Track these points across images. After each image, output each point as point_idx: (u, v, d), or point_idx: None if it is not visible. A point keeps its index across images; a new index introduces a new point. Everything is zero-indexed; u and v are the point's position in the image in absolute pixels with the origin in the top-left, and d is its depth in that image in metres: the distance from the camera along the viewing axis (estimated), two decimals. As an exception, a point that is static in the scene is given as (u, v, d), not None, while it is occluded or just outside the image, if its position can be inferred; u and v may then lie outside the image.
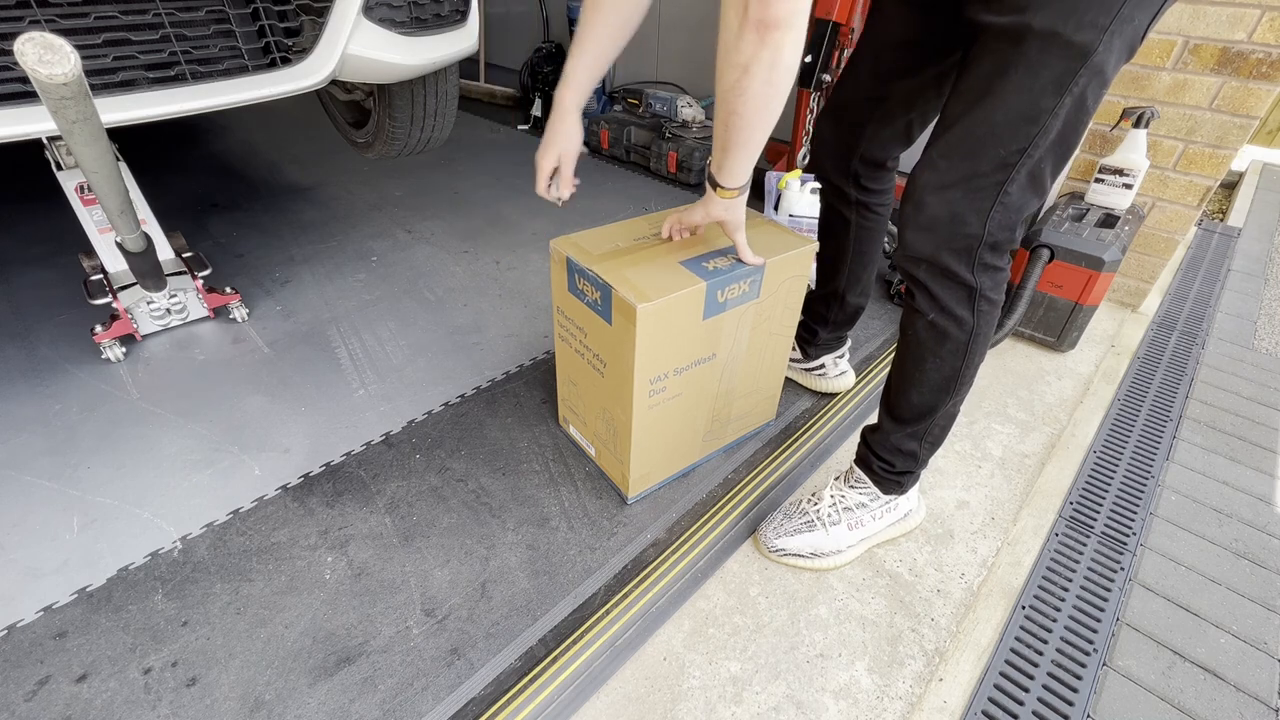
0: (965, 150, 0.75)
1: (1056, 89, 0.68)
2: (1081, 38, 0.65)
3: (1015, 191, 0.74)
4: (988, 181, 0.74)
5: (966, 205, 0.77)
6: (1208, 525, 1.17)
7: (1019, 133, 0.71)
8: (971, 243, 0.78)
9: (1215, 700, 0.90)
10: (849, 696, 0.90)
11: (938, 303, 0.84)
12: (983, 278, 0.81)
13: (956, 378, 0.89)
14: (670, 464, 1.13)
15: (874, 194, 1.10)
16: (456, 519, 1.08)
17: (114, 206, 1.10)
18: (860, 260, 1.18)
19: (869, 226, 1.14)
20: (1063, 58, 0.66)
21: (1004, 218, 0.76)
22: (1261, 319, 1.83)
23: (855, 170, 1.07)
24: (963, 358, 0.87)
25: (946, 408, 0.94)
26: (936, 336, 0.86)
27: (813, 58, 1.87)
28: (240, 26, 1.18)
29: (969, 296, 0.82)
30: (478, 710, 0.83)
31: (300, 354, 1.45)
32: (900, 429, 0.98)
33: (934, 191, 0.78)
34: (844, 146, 1.06)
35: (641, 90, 2.66)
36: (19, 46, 0.71)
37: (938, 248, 0.80)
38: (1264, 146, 3.41)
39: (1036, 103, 0.68)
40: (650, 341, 0.89)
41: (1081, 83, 0.67)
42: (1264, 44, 1.39)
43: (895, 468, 1.02)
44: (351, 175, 2.40)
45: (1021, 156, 0.72)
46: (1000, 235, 0.78)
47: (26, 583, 0.96)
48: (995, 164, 0.73)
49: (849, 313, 1.27)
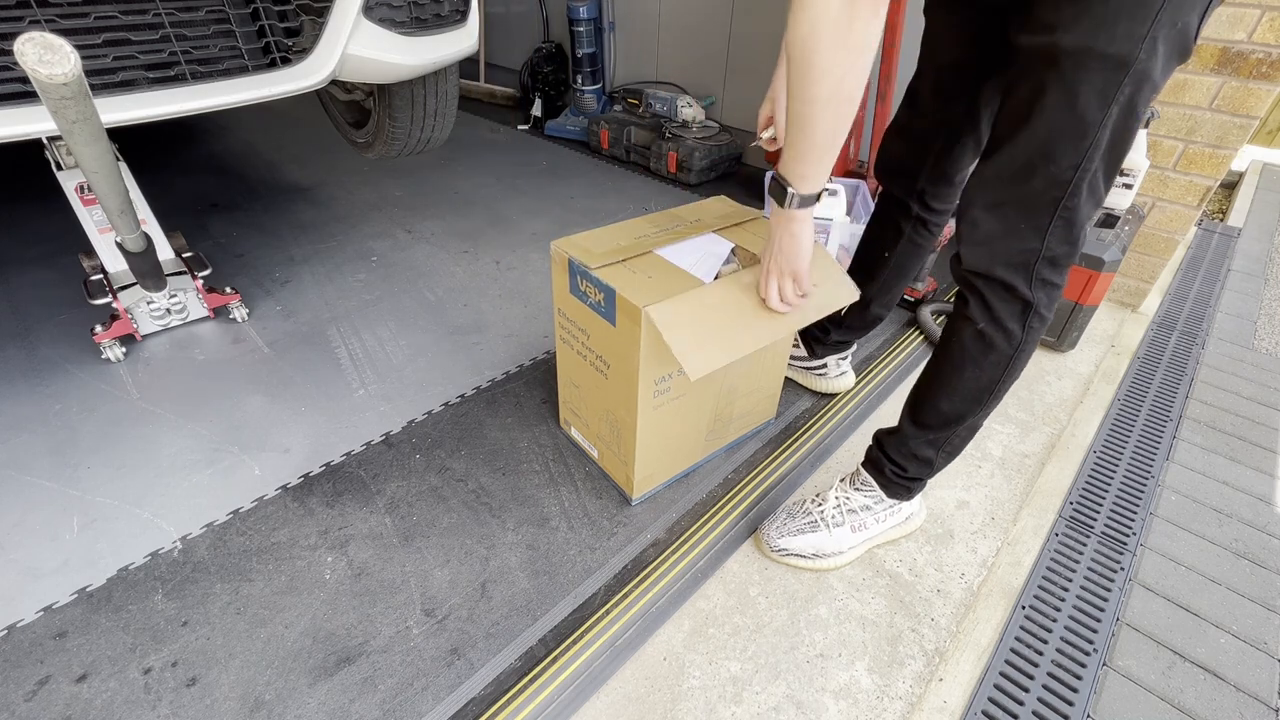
0: (1016, 171, 0.74)
1: (1101, 101, 0.66)
2: (1116, 49, 0.63)
3: (1076, 205, 0.73)
4: (1044, 198, 0.74)
5: (1023, 221, 0.76)
6: (1208, 525, 1.17)
7: (1071, 149, 0.70)
8: (1029, 258, 0.77)
9: (1215, 700, 0.90)
10: (849, 696, 0.90)
11: (991, 313, 0.83)
12: (1039, 293, 0.80)
13: (992, 391, 0.88)
14: (674, 464, 1.13)
15: (936, 213, 1.08)
16: (456, 519, 1.08)
17: (114, 206, 1.10)
18: (898, 274, 1.17)
19: (919, 243, 1.12)
20: (1101, 71, 0.65)
21: (1065, 232, 0.76)
22: (1261, 319, 1.83)
23: (922, 188, 1.05)
24: (1003, 370, 0.86)
25: (973, 420, 0.93)
26: (983, 347, 0.85)
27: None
28: (240, 26, 1.18)
29: (1023, 311, 0.81)
30: (478, 710, 0.83)
31: (300, 354, 1.45)
32: (921, 435, 0.97)
33: (987, 209, 0.78)
34: (912, 164, 1.04)
35: (641, 90, 2.65)
36: (19, 46, 0.71)
37: (994, 262, 0.80)
38: (1264, 146, 3.41)
39: (1083, 118, 0.67)
40: (655, 342, 0.89)
41: (1127, 91, 0.66)
42: (1264, 44, 1.39)
43: (907, 473, 1.02)
44: (351, 175, 2.40)
45: (1077, 172, 0.71)
46: (1060, 250, 0.77)
47: (26, 583, 0.96)
48: (1049, 181, 0.72)
49: (868, 321, 1.26)
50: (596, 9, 2.72)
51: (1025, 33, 0.69)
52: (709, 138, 2.47)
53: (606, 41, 2.86)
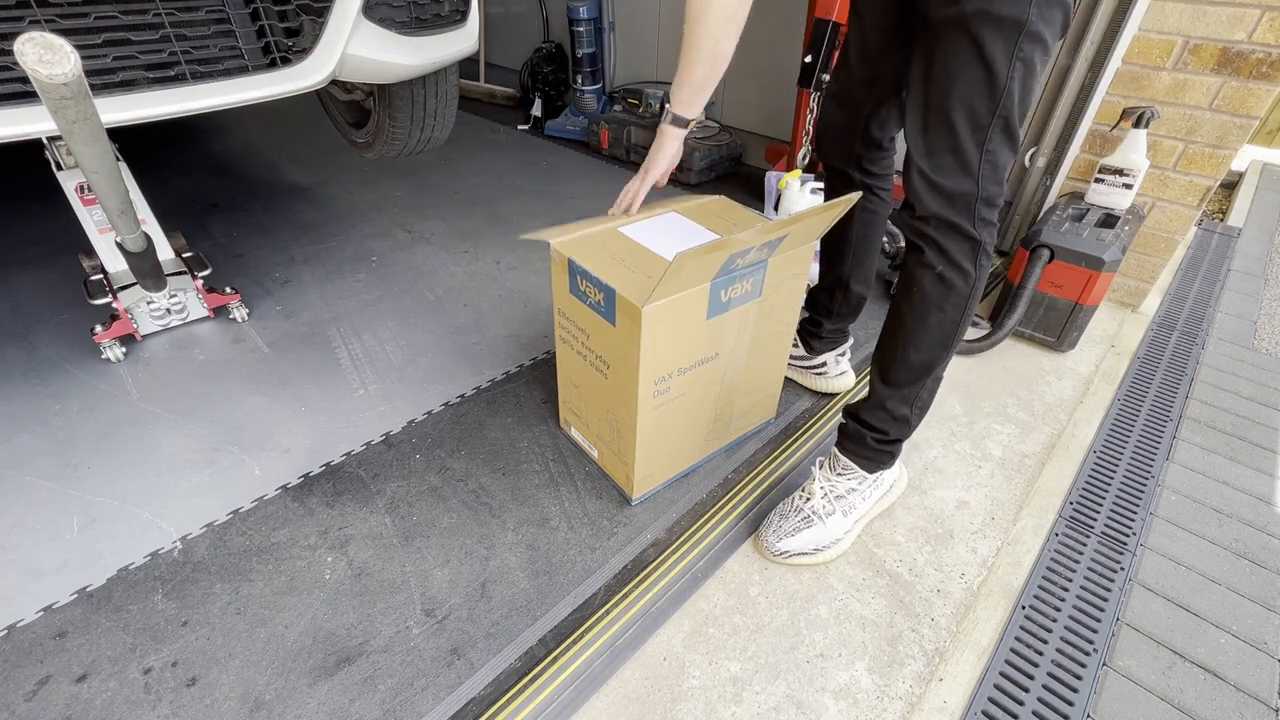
0: (942, 122, 0.83)
1: (1005, 56, 0.77)
2: (1009, 12, 0.74)
3: (995, 147, 0.83)
4: (970, 143, 0.83)
5: (957, 166, 0.85)
6: (1208, 525, 1.17)
7: (986, 97, 0.80)
8: (969, 199, 0.86)
9: (1215, 700, 0.90)
10: (849, 696, 0.90)
11: (946, 255, 0.89)
12: (983, 231, 0.88)
13: (954, 333, 0.94)
14: (674, 464, 1.13)
15: (875, 177, 1.15)
16: (456, 519, 1.08)
17: (114, 206, 1.10)
18: (864, 245, 1.22)
19: (872, 209, 1.18)
20: (1000, 29, 0.75)
21: (991, 172, 0.85)
22: (1261, 319, 1.83)
23: (857, 152, 1.12)
24: (962, 311, 0.92)
25: (939, 369, 0.98)
26: (943, 289, 0.91)
27: (812, 58, 1.87)
28: (240, 26, 1.18)
29: (973, 250, 0.89)
30: (478, 710, 0.83)
31: (300, 354, 1.45)
32: (895, 393, 1.00)
33: (926, 158, 0.86)
34: (846, 129, 1.11)
35: (641, 90, 2.65)
36: (19, 47, 0.71)
37: (942, 205, 0.87)
38: (1264, 146, 3.41)
39: (992, 68, 0.77)
40: (655, 342, 0.89)
41: (1026, 49, 0.76)
42: (1264, 44, 1.39)
43: (889, 435, 1.04)
44: (351, 175, 2.40)
45: (993, 117, 0.81)
46: (992, 189, 0.86)
47: (26, 583, 0.96)
48: (972, 127, 0.82)
49: (853, 303, 1.29)
50: (596, 9, 2.72)
51: (934, 7, 0.80)
52: (709, 138, 2.47)
53: (606, 41, 2.86)
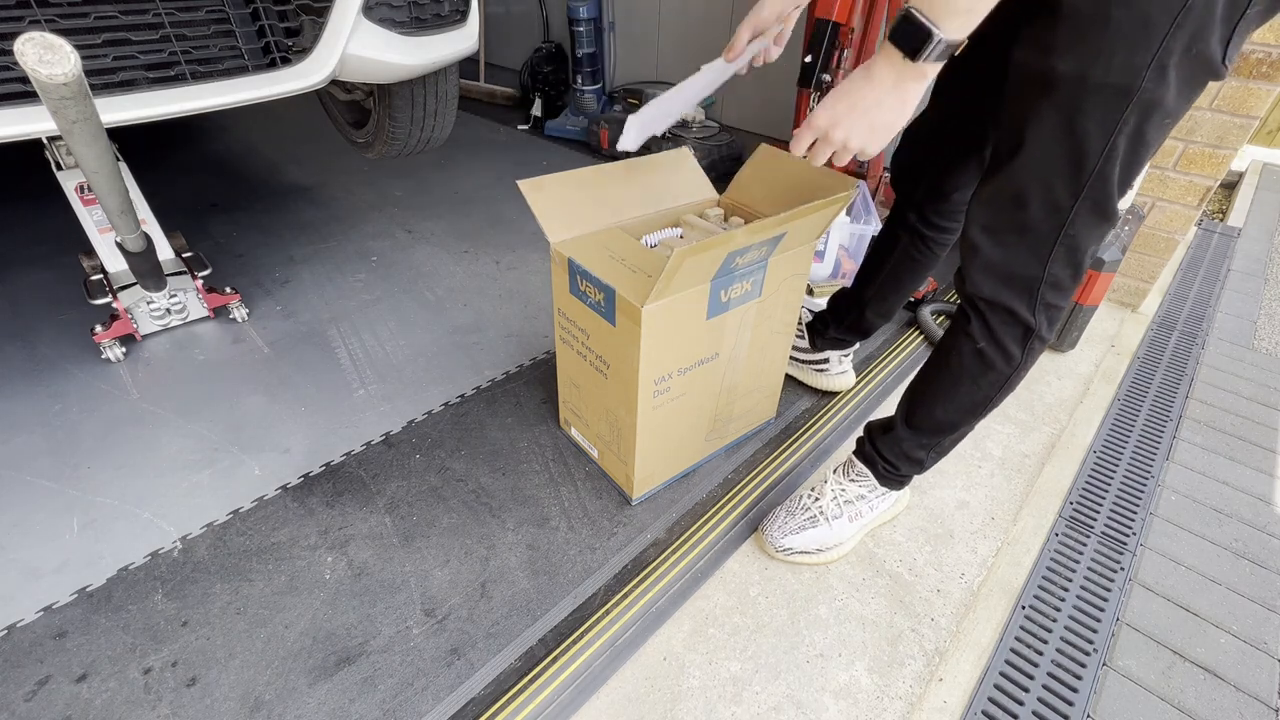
0: (1012, 196, 0.71)
1: (1102, 131, 0.62)
2: (1115, 80, 0.59)
3: (1078, 230, 0.70)
4: (1044, 226, 0.70)
5: (1023, 248, 0.73)
6: (1208, 525, 1.17)
7: (1069, 178, 0.66)
8: (1032, 284, 0.76)
9: (1215, 700, 0.90)
10: (849, 696, 0.90)
11: (992, 335, 0.82)
12: (1041, 316, 0.78)
13: (988, 404, 0.88)
14: (674, 464, 1.13)
15: (934, 228, 1.06)
16: (456, 519, 1.08)
17: (114, 206, 1.10)
18: (893, 284, 1.16)
19: (916, 258, 1.10)
20: (1101, 100, 0.60)
21: (1068, 257, 0.73)
22: (1261, 319, 1.83)
23: (920, 198, 1.04)
24: (999, 388, 0.86)
25: (966, 428, 0.94)
26: (981, 366, 0.84)
27: (812, 58, 1.87)
28: (240, 26, 1.18)
29: (1024, 335, 0.80)
30: (478, 710, 0.83)
31: (300, 354, 1.45)
32: (914, 437, 0.98)
33: (986, 233, 0.76)
34: (913, 172, 1.04)
35: (641, 90, 2.65)
36: (19, 47, 0.71)
37: (995, 288, 0.78)
38: (1264, 146, 3.41)
39: (1081, 147, 0.63)
40: (654, 342, 0.89)
41: (1133, 121, 0.61)
42: (1264, 44, 1.39)
43: (899, 472, 1.03)
44: (351, 175, 2.40)
45: (1077, 200, 0.67)
46: (1063, 274, 0.75)
47: (26, 583, 0.96)
48: (1048, 209, 0.69)
49: (863, 327, 1.25)
50: (596, 9, 2.72)
51: (1019, 47, 0.66)
52: (709, 138, 2.47)
53: (606, 41, 2.86)
